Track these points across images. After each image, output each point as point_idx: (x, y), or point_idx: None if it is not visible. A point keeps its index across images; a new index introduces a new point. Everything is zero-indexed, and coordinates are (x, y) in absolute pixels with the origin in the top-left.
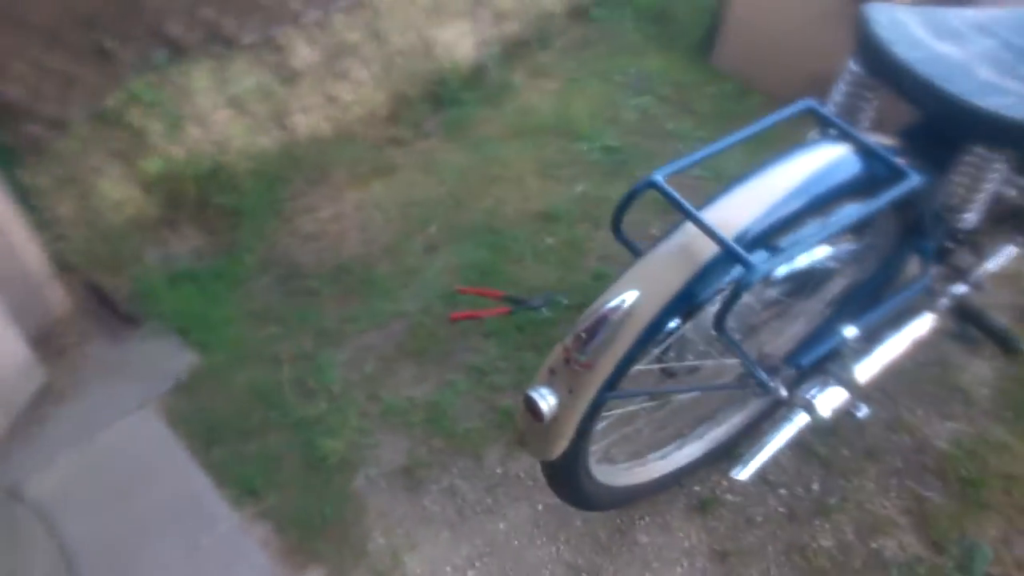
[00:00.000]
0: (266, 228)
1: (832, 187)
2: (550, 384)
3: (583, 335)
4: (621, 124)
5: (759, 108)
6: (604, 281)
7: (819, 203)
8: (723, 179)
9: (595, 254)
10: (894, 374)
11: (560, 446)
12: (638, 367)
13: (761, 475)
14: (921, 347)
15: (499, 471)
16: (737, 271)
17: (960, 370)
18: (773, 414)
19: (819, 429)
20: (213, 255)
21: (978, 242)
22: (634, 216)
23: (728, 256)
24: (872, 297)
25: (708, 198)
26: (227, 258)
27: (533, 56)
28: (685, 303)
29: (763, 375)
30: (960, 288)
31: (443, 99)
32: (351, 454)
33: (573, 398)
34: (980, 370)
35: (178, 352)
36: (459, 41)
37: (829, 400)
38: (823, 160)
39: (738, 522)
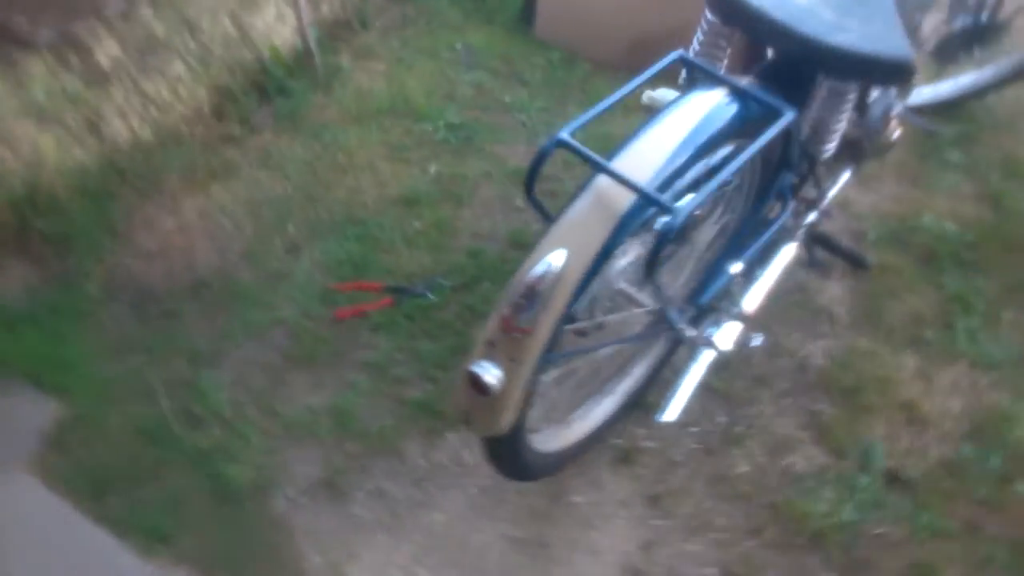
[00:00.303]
0: (102, 251)
1: (719, 129)
2: (490, 357)
3: (521, 301)
4: (459, 100)
5: (588, 75)
6: (480, 258)
7: (709, 146)
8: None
9: (465, 233)
10: (765, 305)
11: (508, 418)
12: None
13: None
14: (785, 276)
15: (423, 463)
16: (651, 217)
17: (818, 293)
18: (670, 360)
19: (715, 365)
20: (47, 289)
21: (821, 174)
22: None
23: (645, 203)
24: (744, 235)
25: (609, 152)
26: (64, 290)
27: (356, 38)
28: (607, 255)
29: (676, 317)
30: (811, 217)
31: (269, 90)
32: (261, 477)
33: (517, 366)
34: (835, 290)
35: (34, 403)
36: (276, 26)
37: (728, 334)
38: (706, 105)
39: (662, 466)
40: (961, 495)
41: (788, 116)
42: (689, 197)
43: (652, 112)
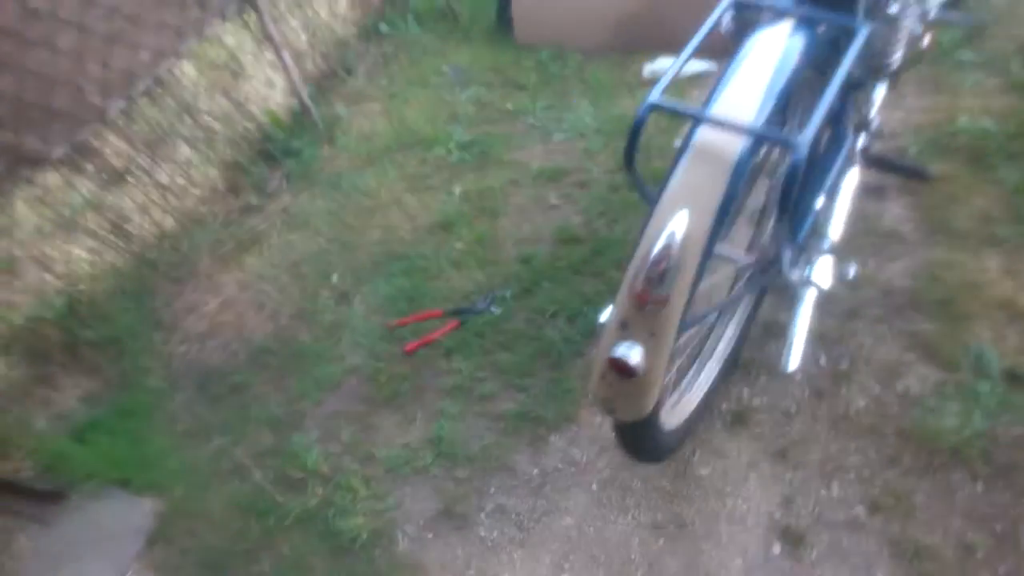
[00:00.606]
0: (154, 344)
1: (800, 57)
2: (627, 337)
3: (653, 272)
4: (463, 120)
5: (582, 65)
6: (532, 263)
7: (796, 76)
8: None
9: (509, 242)
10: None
11: (653, 396)
12: None
13: (773, 371)
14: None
15: (535, 472)
16: (764, 159)
17: (880, 216)
18: (756, 313)
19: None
20: (108, 393)
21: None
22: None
23: (757, 144)
24: (816, 168)
25: (702, 103)
26: (126, 391)
27: (344, 85)
28: (730, 206)
29: (787, 261)
30: (864, 139)
31: (275, 154)
32: (377, 523)
33: (657, 340)
34: (895, 210)
35: (130, 505)
36: (268, 92)
37: (824, 269)
38: (780, 38)
39: (777, 420)
40: None
41: (863, 30)
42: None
43: (730, 59)
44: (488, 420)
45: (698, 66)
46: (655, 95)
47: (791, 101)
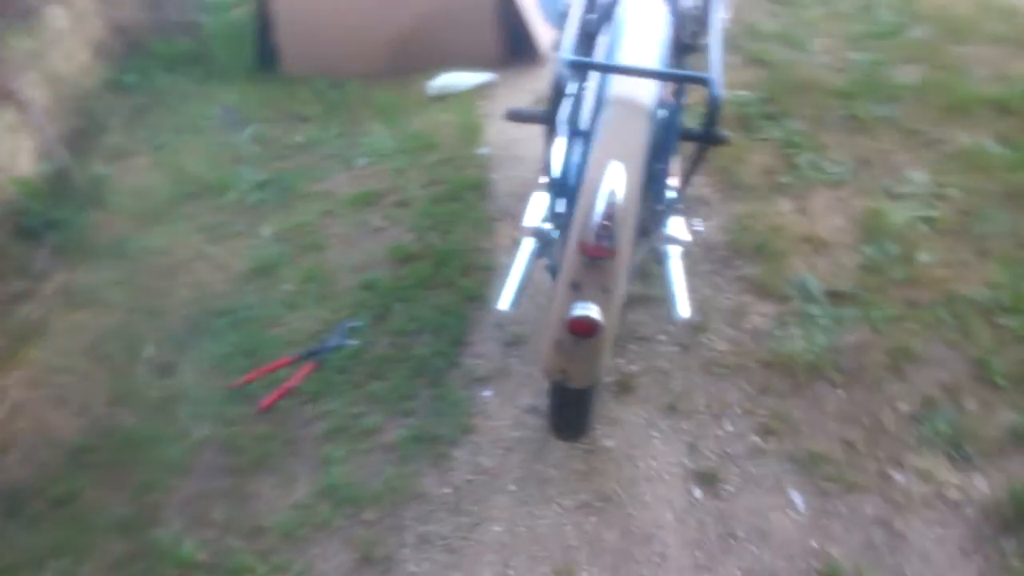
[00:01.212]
0: None
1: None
2: (581, 298)
3: (603, 225)
4: (250, 160)
5: (364, 90)
6: (376, 287)
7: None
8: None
9: (344, 271)
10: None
11: (608, 356)
12: None
13: (639, 338)
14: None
15: (448, 491)
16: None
17: (740, 162)
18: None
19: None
20: None
21: None
22: None
23: (676, 83)
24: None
25: (604, 58)
26: None
27: (100, 142)
28: (654, 148)
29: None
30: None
31: (35, 228)
32: None
33: (610, 295)
34: (753, 157)
35: None
36: (16, 156)
37: (681, 226)
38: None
39: (657, 379)
40: (887, 284)
41: None
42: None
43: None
44: (381, 453)
45: (480, 78)
46: (566, 52)
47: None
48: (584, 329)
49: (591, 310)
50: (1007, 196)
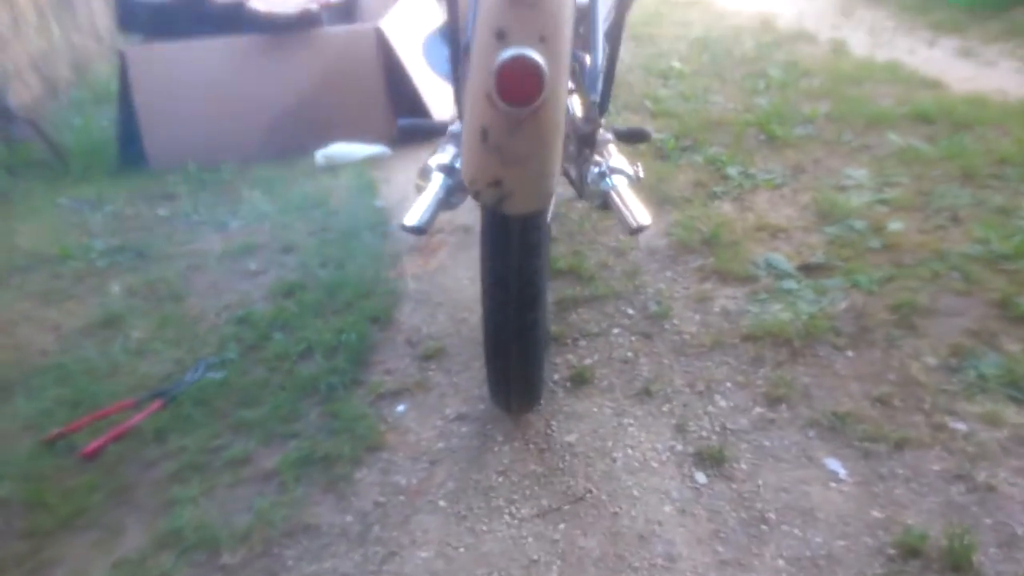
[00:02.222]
0: None
1: None
2: (509, 45)
3: None
4: (104, 232)
5: (240, 170)
6: (251, 321)
7: None
8: None
9: (211, 313)
10: None
11: (558, 155)
12: None
13: (587, 333)
14: None
15: (350, 518)
16: None
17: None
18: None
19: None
20: None
21: None
22: None
23: None
24: None
25: None
26: None
27: None
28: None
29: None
30: None
31: None
32: None
33: (551, 49)
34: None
35: None
36: None
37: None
38: None
39: (620, 369)
40: (864, 253)
41: None
42: None
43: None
44: (251, 485)
45: (372, 150)
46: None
47: None
48: (525, 83)
49: (528, 51)
50: (959, 177)
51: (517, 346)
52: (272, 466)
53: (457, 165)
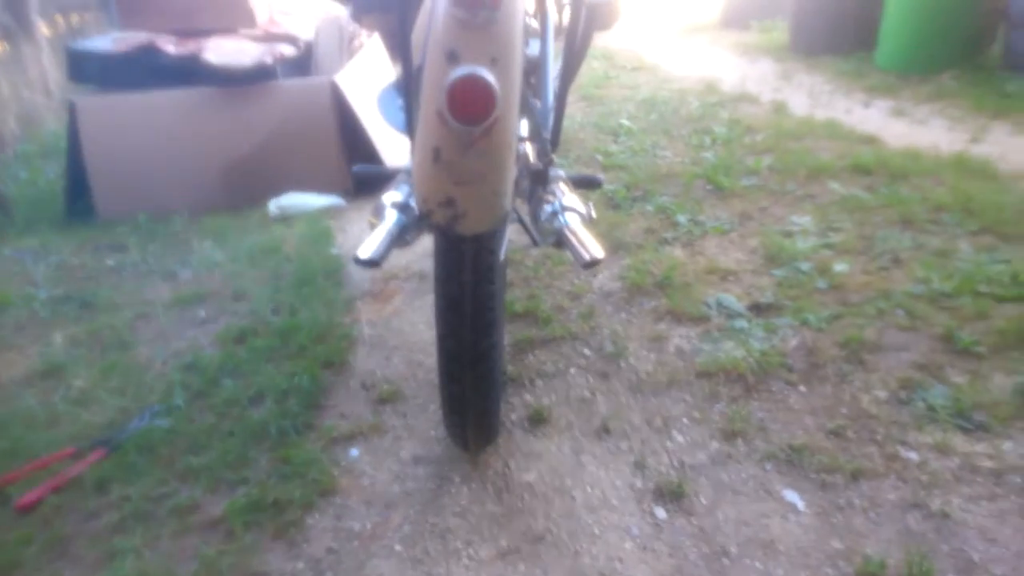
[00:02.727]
0: None
1: None
2: (461, 63)
3: None
4: (47, 282)
5: (190, 221)
6: (198, 368)
7: None
8: None
9: (157, 361)
10: None
11: (511, 174)
12: None
13: (543, 374)
14: None
15: (301, 565)
16: None
17: (618, 228)
18: None
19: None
20: None
21: None
22: None
23: None
24: None
25: None
26: None
27: None
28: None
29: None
30: None
31: None
32: None
33: (503, 66)
34: (630, 224)
35: None
36: None
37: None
38: None
39: (577, 407)
40: (812, 292)
41: None
42: None
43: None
44: (199, 533)
45: (327, 200)
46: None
47: None
48: (475, 101)
49: (479, 70)
50: (898, 223)
51: (472, 374)
52: (219, 513)
53: (411, 203)
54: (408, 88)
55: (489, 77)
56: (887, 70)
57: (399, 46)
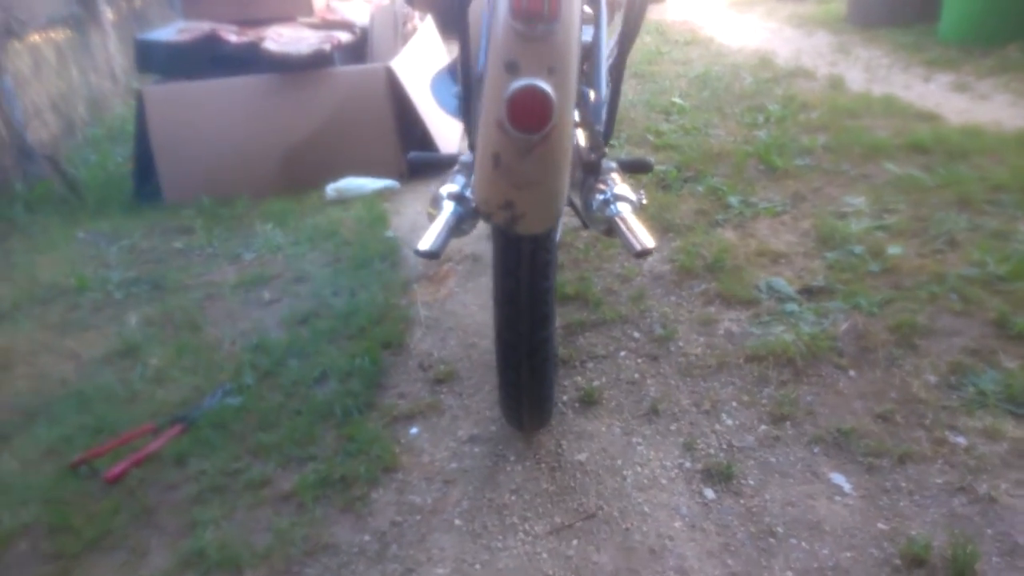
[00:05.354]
0: None
1: None
2: (521, 75)
3: None
4: (119, 265)
5: (252, 204)
6: (265, 349)
7: None
8: None
9: (226, 341)
10: None
11: (567, 177)
12: None
13: (594, 355)
14: None
15: (368, 537)
16: None
17: (669, 210)
18: None
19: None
20: None
21: None
22: None
23: None
24: None
25: None
26: None
27: None
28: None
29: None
30: None
31: None
32: None
33: (559, 79)
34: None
35: None
36: None
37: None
38: None
39: (628, 390)
40: (864, 276)
41: None
42: None
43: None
44: (272, 506)
45: (383, 183)
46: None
47: None
48: (534, 112)
49: (538, 81)
50: (956, 204)
51: (528, 364)
52: (290, 488)
53: (467, 194)
54: (463, 72)
55: (547, 87)
56: (948, 43)
57: (455, 25)
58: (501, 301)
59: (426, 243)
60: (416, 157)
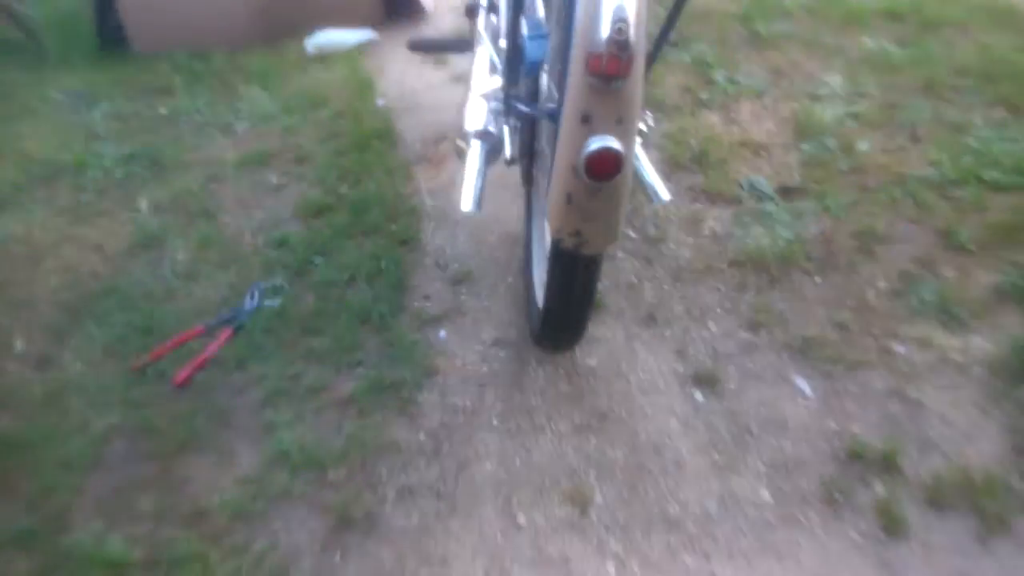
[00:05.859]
0: None
1: None
2: (595, 131)
3: (619, 29)
4: (109, 135)
5: (229, 59)
6: (288, 245)
7: None
8: None
9: (247, 232)
10: None
11: (625, 208)
12: None
13: None
14: None
15: (423, 437)
16: None
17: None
18: None
19: None
20: None
21: None
22: None
23: None
24: None
25: None
26: None
27: None
28: None
29: None
30: None
31: None
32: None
33: (626, 127)
34: (668, 79)
35: None
36: None
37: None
38: None
39: (628, 294)
40: (835, 174)
41: None
42: None
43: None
44: (336, 409)
45: (362, 35)
46: None
47: None
48: (606, 167)
49: (611, 141)
50: (921, 89)
51: (567, 335)
52: (347, 393)
53: (491, 128)
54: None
55: (618, 146)
56: None
57: None
58: (555, 292)
59: (467, 203)
60: (419, 42)
